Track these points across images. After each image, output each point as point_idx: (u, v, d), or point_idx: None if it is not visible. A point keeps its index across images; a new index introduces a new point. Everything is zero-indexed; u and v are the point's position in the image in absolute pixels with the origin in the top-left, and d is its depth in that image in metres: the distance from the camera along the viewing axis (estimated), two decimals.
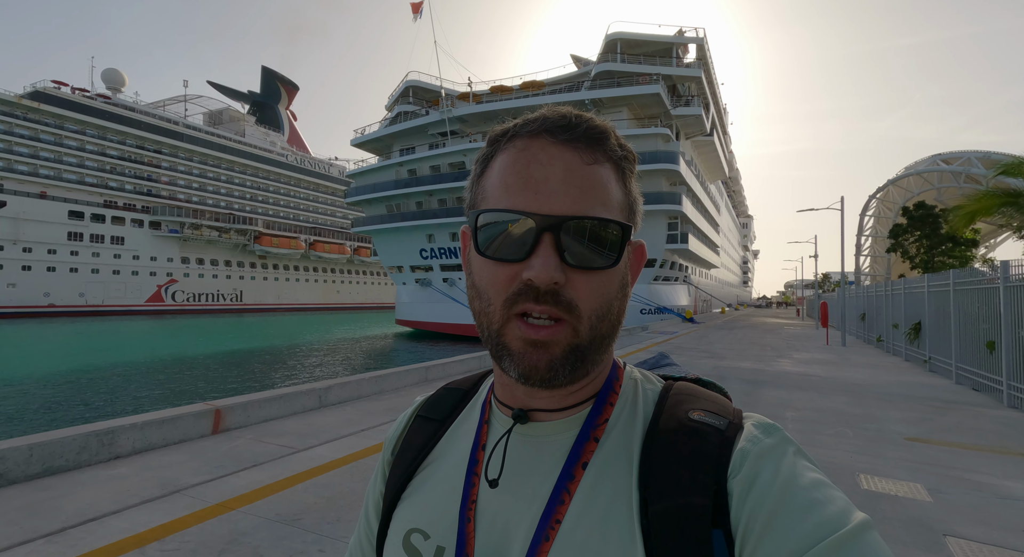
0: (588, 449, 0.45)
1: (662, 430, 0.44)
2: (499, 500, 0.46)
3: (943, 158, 30.43)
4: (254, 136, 73.09)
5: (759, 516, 0.38)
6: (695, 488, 0.40)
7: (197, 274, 61.23)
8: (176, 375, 15.72)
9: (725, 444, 0.42)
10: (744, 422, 0.44)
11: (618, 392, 0.49)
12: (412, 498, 0.51)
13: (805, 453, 0.42)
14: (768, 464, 0.40)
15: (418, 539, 0.48)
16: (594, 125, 0.45)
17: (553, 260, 0.41)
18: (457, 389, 0.59)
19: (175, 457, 3.84)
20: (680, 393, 0.48)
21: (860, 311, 17.16)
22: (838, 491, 0.39)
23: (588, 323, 0.43)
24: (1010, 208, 11.91)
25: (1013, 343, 6.03)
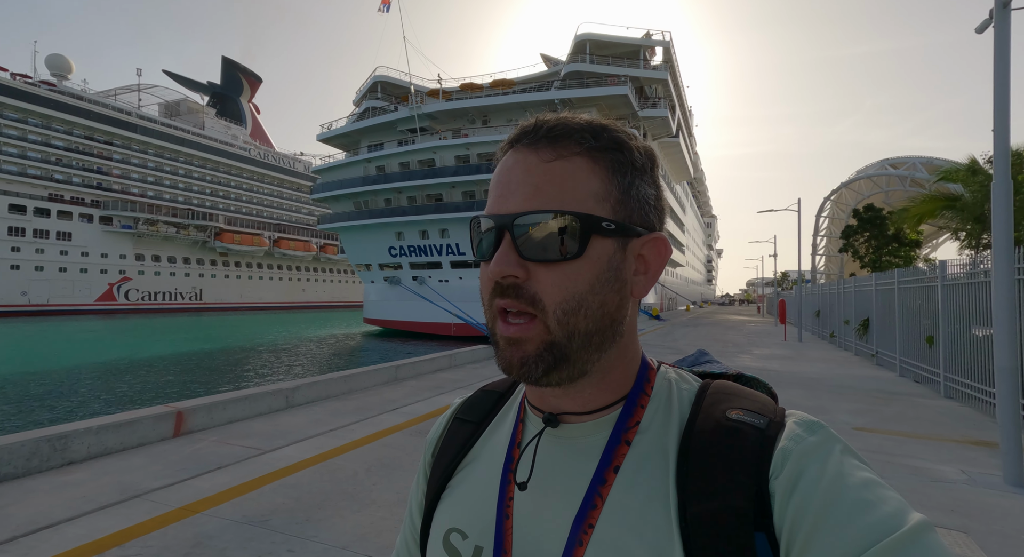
0: (619, 453, 0.45)
1: (699, 431, 0.43)
2: (533, 501, 0.46)
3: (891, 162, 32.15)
4: (214, 129, 70.30)
5: (805, 518, 0.36)
6: (735, 490, 0.39)
7: (153, 272, 58.54)
8: (132, 377, 15.04)
9: (766, 443, 0.40)
10: (786, 420, 0.43)
11: (649, 394, 0.48)
12: (451, 498, 0.52)
13: (854, 451, 0.40)
14: (813, 463, 0.38)
15: (457, 538, 0.49)
16: (558, 123, 0.45)
17: (508, 255, 0.43)
18: (493, 391, 0.60)
19: (134, 461, 3.72)
20: (718, 391, 0.47)
21: (815, 308, 17.99)
22: (892, 491, 0.37)
23: (555, 317, 0.42)
24: (949, 211, 12.75)
25: (949, 338, 6.47)
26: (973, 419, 5.36)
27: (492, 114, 32.83)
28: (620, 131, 0.47)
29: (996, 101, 3.49)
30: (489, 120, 33.16)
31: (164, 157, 61.19)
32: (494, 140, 30.56)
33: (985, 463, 3.87)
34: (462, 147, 31.30)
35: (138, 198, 57.70)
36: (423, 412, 5.38)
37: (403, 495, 3.16)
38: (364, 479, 3.43)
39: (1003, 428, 3.45)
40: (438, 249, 31.58)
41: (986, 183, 11.34)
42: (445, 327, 27.66)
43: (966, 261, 6.22)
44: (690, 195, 66.92)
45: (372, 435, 4.48)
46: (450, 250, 31.33)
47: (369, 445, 4.19)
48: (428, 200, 32.79)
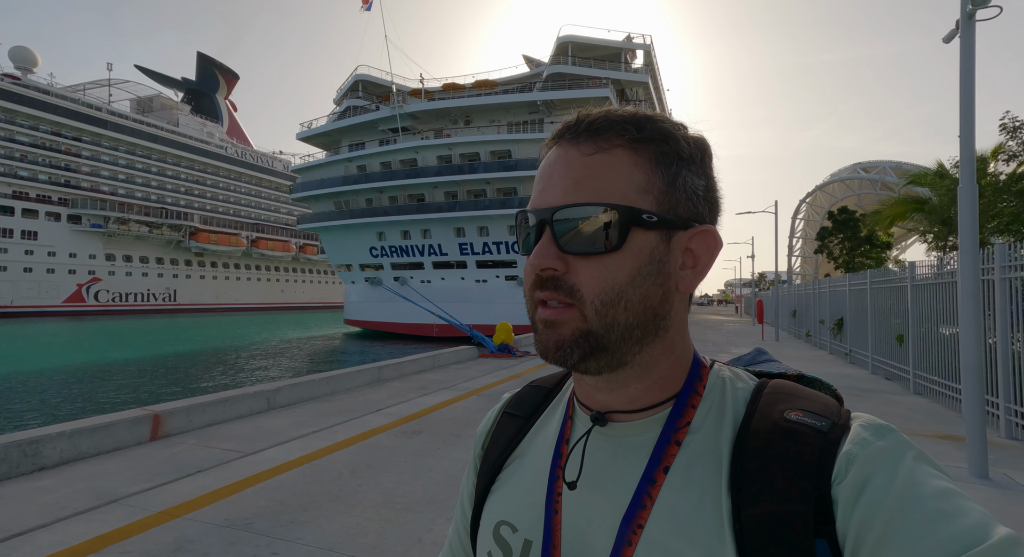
0: (669, 453, 0.44)
1: (755, 431, 0.42)
2: (582, 499, 0.46)
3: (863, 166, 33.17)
4: (189, 126, 68.59)
5: (873, 527, 0.34)
6: (794, 494, 0.37)
7: (124, 272, 56.83)
8: (105, 381, 14.59)
9: (828, 447, 0.38)
10: (852, 423, 0.41)
11: (701, 393, 0.46)
12: (500, 491, 0.53)
13: (929, 458, 0.38)
14: (881, 469, 0.36)
15: (507, 532, 0.49)
16: (599, 117, 0.45)
17: (548, 249, 0.43)
18: (542, 387, 0.60)
19: (109, 466, 3.62)
20: (776, 392, 0.45)
21: (792, 308, 18.43)
22: (973, 502, 0.34)
23: (593, 308, 0.42)
24: (918, 214, 13.20)
25: (918, 336, 6.71)
26: (940, 414, 5.56)
27: (474, 114, 32.79)
28: (666, 122, 0.46)
29: (962, 108, 3.63)
30: (472, 120, 33.11)
31: (136, 154, 59.42)
32: (476, 140, 30.55)
33: (952, 456, 4.03)
34: (444, 147, 31.18)
35: (108, 196, 55.94)
36: (407, 413, 5.35)
37: (389, 496, 3.15)
38: (349, 480, 3.40)
39: (969, 423, 3.59)
40: (420, 249, 31.39)
41: (952, 187, 11.78)
42: (427, 328, 27.50)
43: (934, 262, 6.46)
44: None
45: (356, 436, 4.44)
46: (432, 250, 31.17)
47: (354, 446, 4.16)
48: (410, 200, 32.57)
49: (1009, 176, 8.48)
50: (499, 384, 7.23)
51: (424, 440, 4.37)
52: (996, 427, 4.70)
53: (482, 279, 30.58)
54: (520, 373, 8.29)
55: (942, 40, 3.80)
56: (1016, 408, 4.49)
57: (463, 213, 29.56)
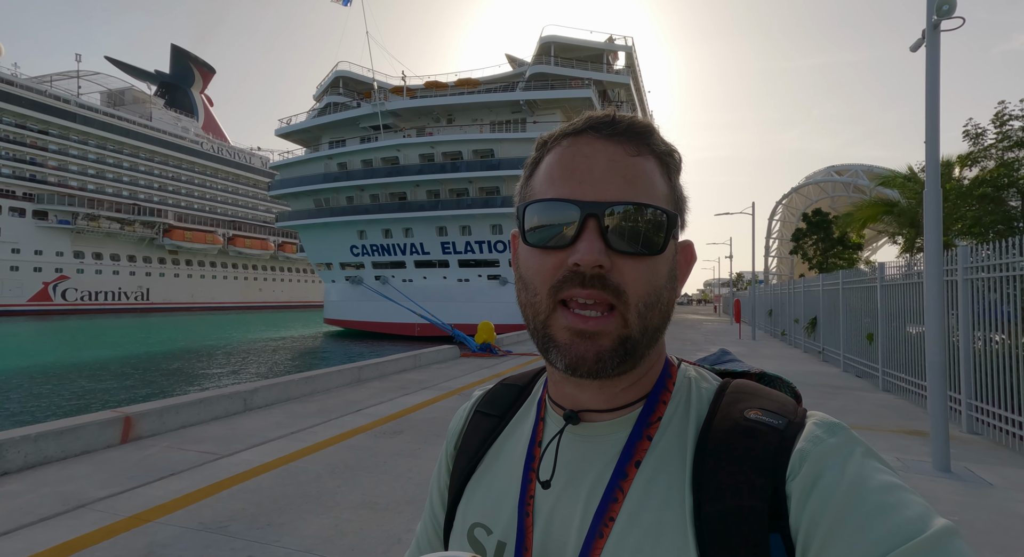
0: (641, 448, 0.45)
1: (716, 430, 0.43)
2: (555, 497, 0.46)
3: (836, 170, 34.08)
4: (163, 120, 66.67)
5: (822, 521, 0.35)
6: (750, 491, 0.38)
7: (94, 270, 55.02)
8: (73, 383, 14.12)
9: (784, 444, 0.40)
10: (807, 421, 0.42)
11: (671, 390, 0.48)
12: (474, 492, 0.52)
13: (876, 454, 0.39)
14: (832, 465, 0.37)
15: (481, 534, 0.49)
16: (637, 121, 0.46)
17: (598, 244, 0.41)
18: (514, 385, 0.59)
19: (78, 470, 3.52)
20: (738, 391, 0.46)
21: (768, 308, 18.83)
22: (916, 495, 0.36)
23: (636, 311, 0.42)
24: (888, 216, 13.63)
25: (887, 335, 6.93)
26: (907, 410, 5.76)
27: (457, 113, 32.66)
28: (664, 137, 0.47)
29: (928, 114, 3.77)
30: (454, 119, 32.97)
31: (107, 149, 57.52)
32: (459, 139, 30.44)
33: (918, 451, 4.18)
34: (427, 146, 30.99)
35: (77, 192, 54.07)
36: (388, 413, 5.31)
37: (368, 497, 3.13)
38: (328, 481, 3.37)
39: (933, 419, 3.73)
40: (402, 248, 31.14)
41: (920, 190, 12.19)
42: (409, 327, 27.30)
43: (903, 263, 6.68)
44: None
45: (335, 437, 4.40)
46: (414, 249, 30.95)
47: (333, 447, 4.11)
48: (391, 198, 32.28)
49: (972, 181, 8.82)
50: (481, 383, 7.23)
51: (405, 440, 4.35)
52: (958, 422, 4.89)
53: (464, 278, 30.50)
54: (501, 372, 8.31)
55: (909, 49, 3.93)
56: (977, 404, 4.68)
57: (445, 212, 29.42)
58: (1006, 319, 4.32)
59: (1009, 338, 4.28)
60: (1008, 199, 8.09)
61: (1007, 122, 8.07)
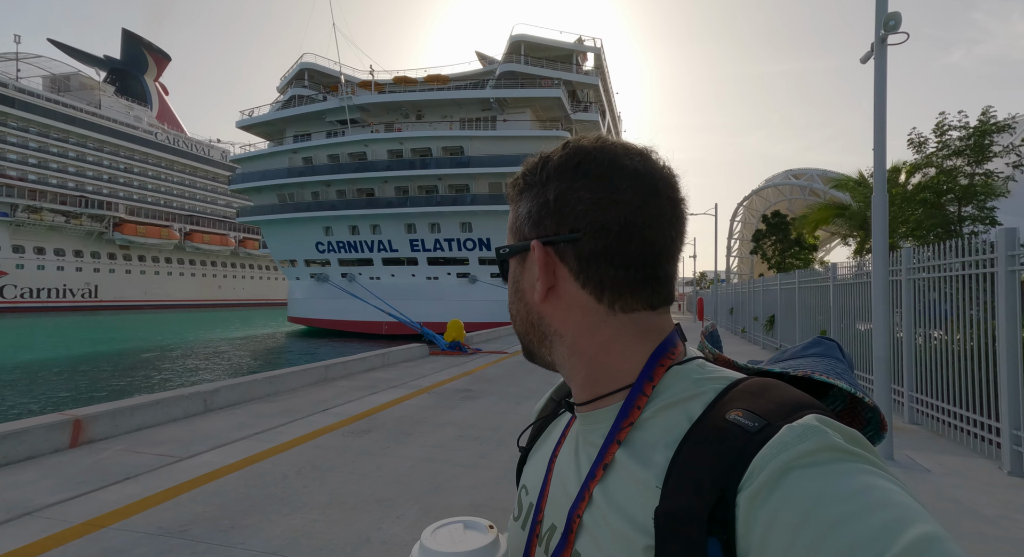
0: (611, 451, 0.46)
1: (697, 430, 0.41)
2: (563, 475, 0.52)
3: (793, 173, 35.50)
4: (113, 108, 63.15)
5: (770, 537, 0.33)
6: (695, 491, 0.38)
7: (35, 266, 51.72)
8: (11, 386, 13.27)
9: (747, 448, 0.37)
10: (786, 424, 0.37)
11: (648, 393, 0.47)
12: (529, 462, 0.62)
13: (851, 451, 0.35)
14: (791, 472, 0.34)
15: (523, 493, 0.59)
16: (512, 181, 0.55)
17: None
18: None
19: (22, 476, 3.33)
20: (742, 390, 0.43)
21: (730, 306, 19.49)
22: (898, 497, 0.32)
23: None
24: (840, 218, 14.32)
25: (839, 332, 7.30)
26: None
27: (426, 109, 32.31)
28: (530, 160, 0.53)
29: (875, 123, 4.00)
30: (423, 115, 32.61)
31: (50, 137, 54.07)
32: (429, 135, 30.14)
33: None
34: (395, 141, 30.55)
35: (17, 182, 50.63)
36: (355, 412, 5.24)
37: (336, 496, 3.09)
38: (294, 481, 3.31)
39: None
40: (369, 245, 30.62)
41: (869, 195, 12.87)
42: (376, 325, 26.86)
43: (854, 264, 7.04)
44: None
45: (302, 437, 4.31)
46: (382, 246, 30.49)
47: (299, 447, 4.04)
48: (359, 194, 31.68)
49: (915, 186, 9.38)
50: (450, 382, 7.22)
51: (373, 439, 4.31)
52: (901, 413, 5.22)
53: (433, 276, 30.24)
54: (471, 370, 8.31)
55: (859, 61, 4.16)
56: (918, 396, 5.00)
57: (414, 209, 29.09)
58: (944, 317, 4.63)
59: (947, 334, 4.59)
60: (947, 204, 8.64)
61: (946, 132, 8.62)
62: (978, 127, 8.27)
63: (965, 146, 8.35)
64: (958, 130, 8.51)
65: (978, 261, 4.04)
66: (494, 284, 27.98)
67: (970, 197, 8.35)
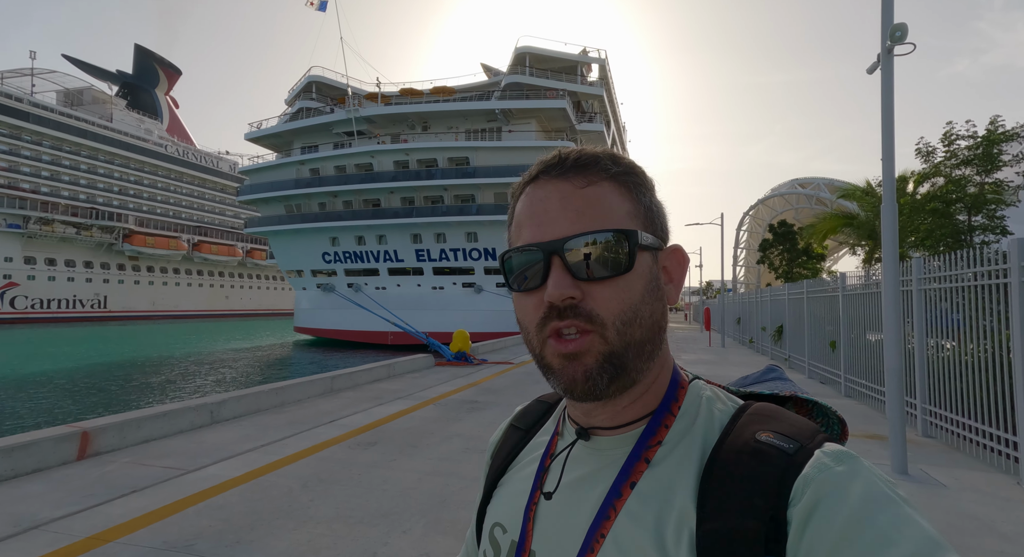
0: (638, 469, 0.46)
1: (726, 451, 0.43)
2: (558, 505, 0.49)
3: (800, 182, 35.41)
4: (124, 122, 64.20)
5: (820, 550, 0.35)
6: (748, 511, 0.39)
7: (46, 276, 52.28)
8: (20, 397, 13.35)
9: (791, 469, 0.39)
10: (817, 448, 0.41)
11: (675, 413, 0.48)
12: (498, 496, 0.57)
13: (886, 481, 0.38)
14: (833, 495, 0.37)
15: (499, 532, 0.53)
16: (582, 154, 0.48)
17: (564, 278, 0.44)
18: (545, 401, 0.64)
19: (29, 489, 3.34)
20: (756, 413, 0.46)
21: (736, 316, 19.34)
22: (924, 527, 0.35)
23: (614, 329, 0.44)
24: (848, 228, 14.24)
25: (848, 343, 7.22)
26: (868, 415, 6.00)
27: (432, 121, 32.61)
28: (624, 156, 0.51)
29: (883, 133, 3.98)
30: (429, 126, 32.90)
31: (62, 150, 54.93)
32: (435, 147, 30.37)
33: (877, 454, 4.35)
34: (401, 153, 30.81)
35: (29, 194, 51.37)
36: (362, 424, 5.22)
37: (342, 510, 3.06)
38: (300, 495, 3.29)
39: (891, 423, 3.90)
40: (375, 255, 30.76)
41: (877, 204, 12.81)
42: (382, 336, 26.87)
43: (862, 273, 6.98)
44: None
45: (307, 449, 4.30)
46: (388, 257, 30.61)
47: (304, 460, 4.02)
48: (365, 205, 31.89)
49: (924, 196, 9.32)
50: (456, 393, 7.19)
51: (379, 451, 4.28)
52: (914, 426, 5.12)
53: (439, 286, 30.28)
54: (477, 381, 8.27)
55: (866, 71, 4.15)
56: (931, 408, 4.92)
57: (420, 219, 29.24)
58: (956, 327, 4.57)
59: (959, 345, 4.52)
60: (956, 213, 8.58)
61: (954, 142, 8.58)
62: (986, 136, 8.23)
63: (973, 155, 8.31)
64: (966, 139, 8.47)
65: (991, 271, 4.00)
66: (500, 294, 27.96)
67: (980, 206, 8.29)
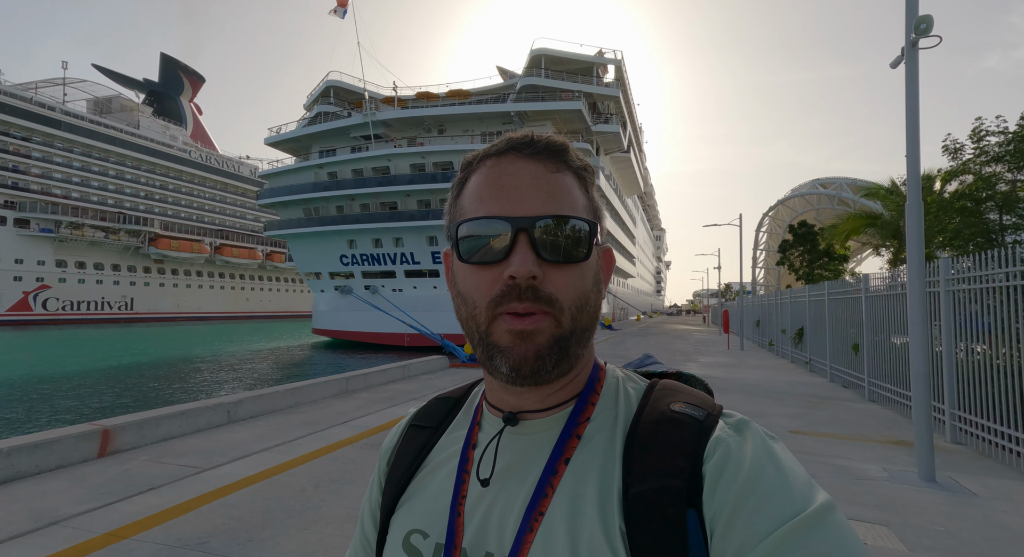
0: (571, 446, 0.48)
1: (644, 422, 0.47)
2: (490, 496, 0.48)
3: (821, 182, 34.67)
4: (151, 128, 66.10)
5: (728, 499, 0.40)
6: (672, 471, 0.42)
7: (76, 279, 53.99)
8: (50, 395, 13.77)
9: (703, 433, 0.44)
10: (720, 415, 0.47)
11: (599, 392, 0.51)
12: (410, 502, 0.53)
13: (776, 439, 0.45)
14: (739, 450, 0.42)
15: (418, 539, 0.50)
16: (554, 140, 0.50)
17: (530, 256, 0.44)
18: (449, 398, 0.61)
19: (51, 485, 3.41)
20: (664, 388, 0.51)
21: (755, 318, 18.99)
22: (803, 475, 0.42)
23: (569, 314, 0.46)
24: (872, 228, 13.87)
25: (872, 346, 7.01)
26: (893, 420, 5.81)
27: (448, 124, 32.81)
28: (578, 153, 0.52)
29: (908, 129, 3.85)
30: (445, 130, 33.11)
31: (92, 157, 56.81)
32: (451, 150, 30.53)
33: (903, 461, 4.20)
34: (418, 155, 31.05)
35: (61, 200, 53.20)
36: (375, 424, 5.24)
37: (355, 511, 3.06)
38: (312, 495, 3.30)
39: (918, 429, 3.77)
40: (392, 258, 31.02)
41: (902, 203, 12.44)
42: (398, 337, 27.09)
43: (886, 275, 6.77)
44: (640, 209, 69.25)
45: (321, 449, 4.32)
46: (404, 259, 30.84)
47: (318, 460, 4.04)
48: (382, 208, 32.20)
49: (952, 194, 9.01)
50: None
51: None
52: (942, 432, 4.94)
53: None
54: None
55: (889, 66, 4.03)
56: (961, 414, 4.73)
57: (436, 222, 29.39)
58: (987, 330, 4.39)
59: (990, 349, 4.35)
60: (987, 212, 8.27)
61: (984, 138, 8.28)
62: (1018, 132, 7.92)
63: (1005, 152, 8.00)
64: (996, 135, 8.17)
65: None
66: None
67: (1012, 205, 7.98)
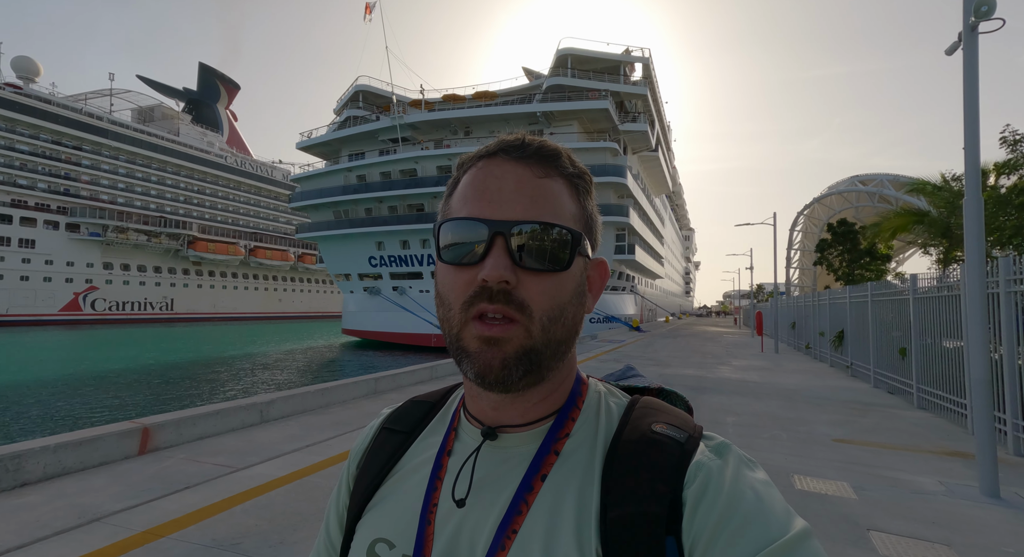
0: (548, 462, 0.47)
1: (625, 441, 0.46)
2: (465, 510, 0.46)
3: (860, 179, 33.32)
4: (189, 135, 68.90)
5: (707, 526, 0.40)
6: (652, 496, 0.41)
7: (122, 281, 56.64)
8: (96, 392, 14.41)
9: (684, 456, 0.44)
10: (702, 437, 0.47)
11: (580, 407, 0.50)
12: (378, 508, 0.51)
13: (755, 465, 0.45)
14: (718, 476, 0.42)
15: (383, 549, 0.48)
16: (545, 145, 0.48)
17: (504, 261, 0.43)
18: (424, 402, 0.59)
19: (94, 482, 3.51)
20: (646, 406, 0.50)
21: (791, 320, 18.35)
22: (780, 502, 0.41)
23: (540, 324, 0.44)
24: (919, 226, 13.21)
25: (921, 350, 6.63)
26: (946, 430, 5.47)
27: (474, 125, 32.97)
28: (575, 159, 0.50)
29: (966, 120, 3.60)
30: (471, 131, 33.28)
31: (136, 163, 59.58)
32: None
33: (961, 474, 3.93)
34: (444, 157, 31.30)
35: (107, 205, 55.96)
36: None
37: None
38: None
39: (979, 440, 3.51)
40: (419, 259, 31.35)
41: (951, 199, 11.79)
42: (425, 338, 27.35)
43: (935, 275, 6.40)
44: (669, 208, 68.05)
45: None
46: (431, 260, 31.11)
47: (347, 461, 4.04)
48: (409, 210, 32.60)
49: (1010, 189, 8.47)
50: None
51: None
52: (1004, 444, 4.61)
53: None
54: None
55: (944, 52, 3.78)
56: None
57: None
58: None
59: None
60: None
61: None
62: None
63: None
64: None
65: None
66: None
67: None
